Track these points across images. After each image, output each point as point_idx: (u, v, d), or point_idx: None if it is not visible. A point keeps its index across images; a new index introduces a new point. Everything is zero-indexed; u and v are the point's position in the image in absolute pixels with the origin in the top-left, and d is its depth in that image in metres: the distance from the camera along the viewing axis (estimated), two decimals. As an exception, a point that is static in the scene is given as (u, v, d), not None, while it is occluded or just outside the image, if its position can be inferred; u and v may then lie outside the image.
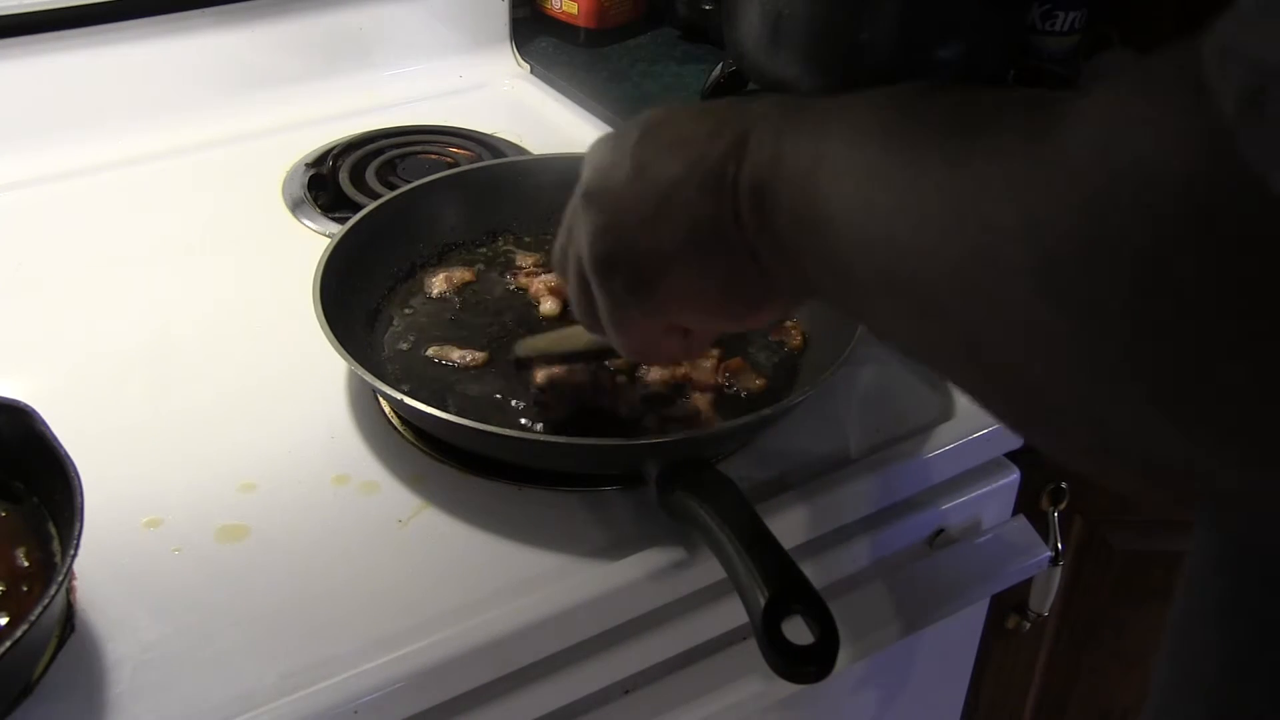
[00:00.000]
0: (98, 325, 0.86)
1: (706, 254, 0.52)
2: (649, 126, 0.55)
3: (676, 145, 0.53)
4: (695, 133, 0.52)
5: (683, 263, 0.53)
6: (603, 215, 0.55)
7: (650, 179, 0.53)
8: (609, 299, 0.57)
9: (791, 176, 0.47)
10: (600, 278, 0.56)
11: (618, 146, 0.56)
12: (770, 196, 0.48)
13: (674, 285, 0.54)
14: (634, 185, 0.54)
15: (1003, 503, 0.83)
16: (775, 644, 0.56)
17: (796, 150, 0.47)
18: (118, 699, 0.60)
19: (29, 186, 1.02)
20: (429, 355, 0.80)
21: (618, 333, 0.58)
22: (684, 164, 0.52)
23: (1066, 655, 1.05)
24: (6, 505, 0.66)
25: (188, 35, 1.09)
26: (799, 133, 0.48)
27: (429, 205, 0.90)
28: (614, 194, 0.55)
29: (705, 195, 0.51)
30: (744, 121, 0.50)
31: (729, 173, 0.50)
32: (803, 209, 0.46)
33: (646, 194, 0.53)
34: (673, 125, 0.54)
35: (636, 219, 0.54)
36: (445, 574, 0.67)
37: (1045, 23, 1.17)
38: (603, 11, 1.27)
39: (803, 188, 0.46)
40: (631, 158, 0.54)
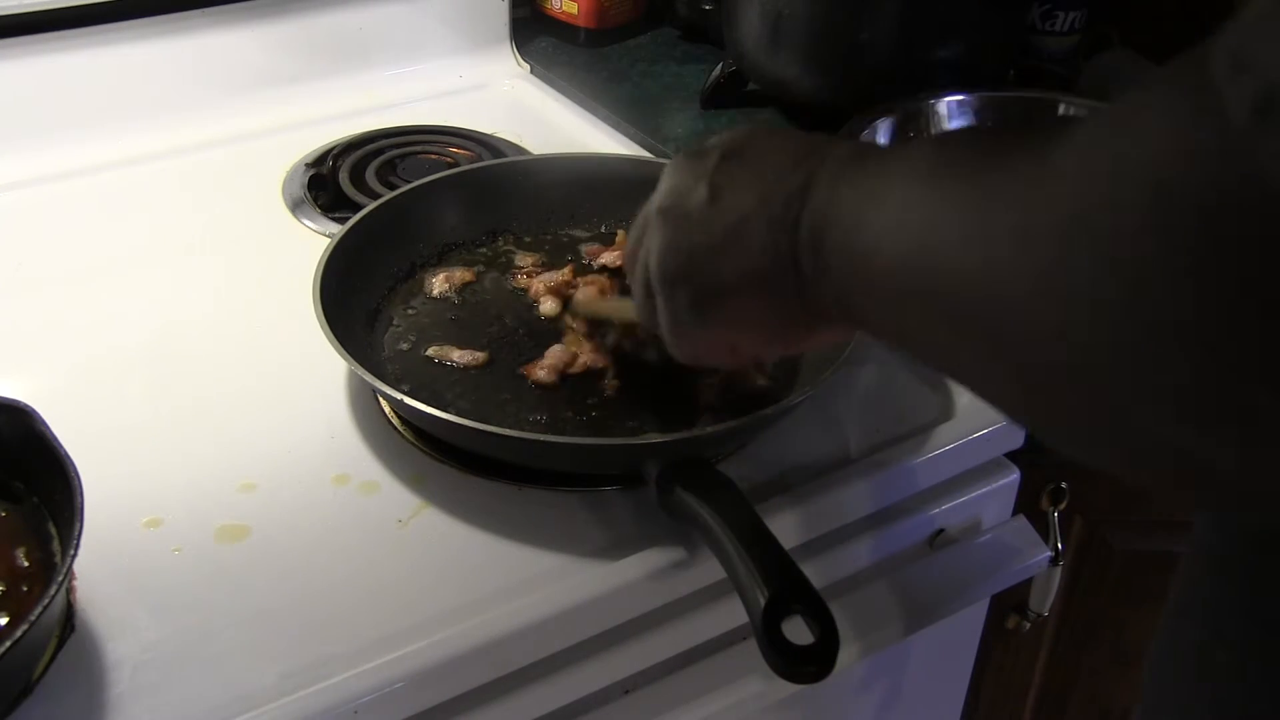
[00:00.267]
0: (98, 325, 0.86)
1: (765, 288, 0.55)
2: (728, 152, 0.58)
3: (751, 177, 0.55)
4: (768, 170, 0.55)
5: (742, 294, 0.56)
6: (675, 233, 0.58)
7: (722, 209, 0.56)
8: (670, 309, 0.61)
9: (843, 216, 0.50)
10: (664, 291, 0.60)
11: (698, 169, 0.58)
12: (825, 237, 0.51)
13: (731, 312, 0.58)
14: (707, 211, 0.57)
15: (1003, 503, 0.83)
16: (775, 644, 0.56)
17: (851, 193, 0.50)
18: (118, 699, 0.60)
19: (29, 186, 1.02)
20: (429, 355, 0.80)
21: (674, 338, 0.62)
22: (755, 200, 0.55)
23: (1066, 655, 1.05)
24: (6, 505, 0.66)
25: (188, 35, 1.09)
26: (855, 176, 0.50)
27: (429, 205, 0.90)
28: (687, 215, 0.58)
29: (770, 233, 0.53)
30: (814, 164, 0.53)
31: (792, 214, 0.53)
32: (852, 244, 0.49)
33: (717, 223, 0.56)
34: (750, 157, 0.57)
35: (705, 244, 0.57)
36: (445, 574, 0.67)
37: (1045, 23, 1.17)
38: (603, 11, 1.27)
39: (853, 225, 0.49)
40: (709, 183, 0.57)
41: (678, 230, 0.58)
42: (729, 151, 0.58)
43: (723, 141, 0.59)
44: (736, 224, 0.55)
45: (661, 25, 1.32)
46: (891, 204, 0.47)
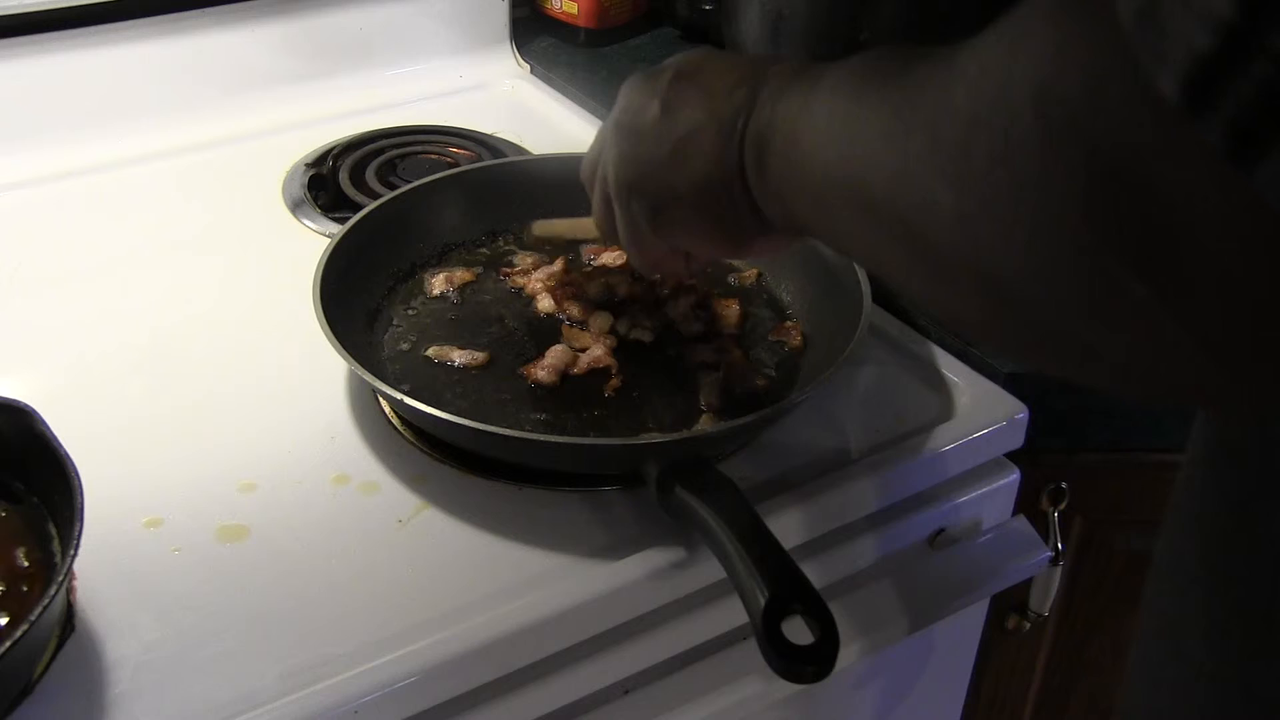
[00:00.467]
0: (98, 325, 0.86)
1: (713, 195, 0.59)
2: (680, 71, 0.62)
3: (701, 94, 0.60)
4: (718, 85, 0.59)
5: (691, 200, 0.61)
6: (629, 145, 0.63)
7: (674, 121, 0.61)
8: (626, 218, 0.66)
9: (782, 125, 0.54)
10: (620, 200, 0.65)
11: (651, 86, 0.63)
12: (766, 145, 0.56)
13: (682, 217, 0.62)
14: (659, 125, 0.61)
15: (1003, 503, 0.83)
16: (775, 644, 0.56)
17: (789, 104, 0.54)
18: (118, 699, 0.60)
19: (29, 186, 1.02)
20: (429, 355, 0.80)
21: (631, 246, 0.68)
22: (704, 112, 0.59)
23: (1066, 655, 1.05)
24: (6, 505, 0.66)
25: (188, 35, 1.09)
26: (793, 90, 0.55)
27: (429, 205, 0.90)
28: (641, 129, 0.62)
29: (717, 144, 0.58)
30: (757, 81, 0.57)
31: (738, 125, 0.57)
32: (789, 149, 0.54)
33: (668, 135, 0.61)
34: (702, 74, 0.61)
35: (658, 156, 0.62)
36: (445, 574, 0.67)
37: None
38: (603, 11, 1.27)
39: (789, 132, 0.54)
40: (661, 99, 0.62)
41: (632, 143, 0.63)
42: (681, 71, 0.62)
43: (676, 62, 0.63)
44: (686, 136, 0.60)
45: (661, 25, 1.32)
46: (821, 113, 0.51)
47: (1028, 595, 0.90)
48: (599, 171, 0.68)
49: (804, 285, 0.86)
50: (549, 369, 0.77)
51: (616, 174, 0.65)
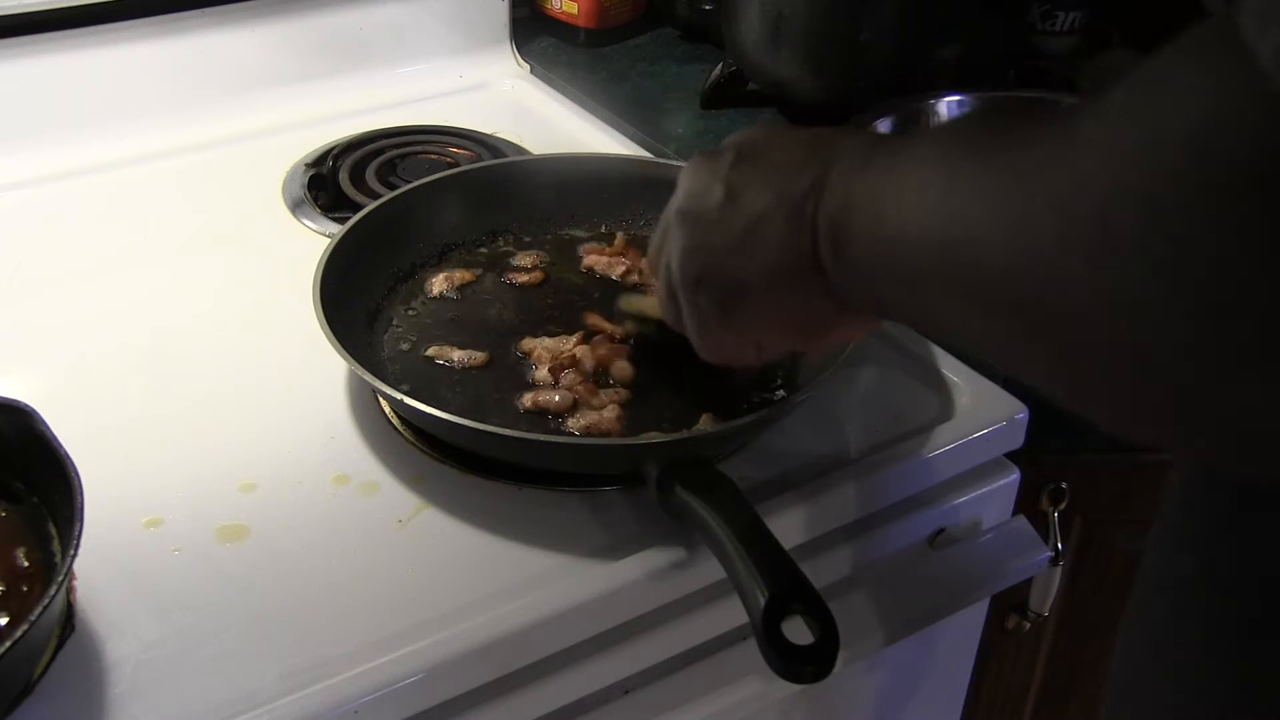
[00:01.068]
0: (98, 325, 0.86)
1: (785, 285, 0.56)
2: (743, 152, 0.59)
3: (766, 176, 0.56)
4: (784, 165, 0.55)
5: (763, 291, 0.57)
6: (694, 236, 0.60)
7: (739, 209, 0.57)
8: (693, 311, 0.62)
9: (861, 203, 0.51)
10: (687, 293, 0.62)
11: (713, 170, 0.59)
12: (845, 228, 0.52)
13: (753, 310, 0.59)
14: (724, 212, 0.58)
15: (1003, 503, 0.83)
16: (775, 644, 0.56)
17: (869, 181, 0.50)
18: (118, 699, 0.60)
19: (28, 186, 1.02)
20: (429, 355, 0.80)
21: (700, 340, 0.64)
22: (771, 197, 0.55)
23: (1066, 655, 1.05)
24: (6, 505, 0.66)
25: (188, 35, 1.09)
26: (871, 165, 0.51)
27: (429, 205, 0.90)
28: (705, 217, 0.59)
29: (788, 230, 0.54)
30: (826, 158, 0.53)
31: (808, 209, 0.53)
32: (874, 231, 0.50)
33: (735, 223, 0.57)
34: (764, 156, 0.57)
35: (724, 245, 0.58)
36: (445, 574, 0.67)
37: (1045, 23, 1.17)
38: (603, 11, 1.27)
39: (874, 212, 0.50)
40: (725, 183, 0.58)
41: (696, 232, 0.60)
42: (743, 152, 0.58)
43: (737, 142, 0.60)
44: (754, 223, 0.56)
45: (661, 25, 1.32)
46: (911, 187, 0.47)
47: (1028, 595, 0.89)
48: (662, 262, 0.64)
49: (804, 285, 0.86)
50: (532, 401, 0.76)
51: (682, 266, 0.61)
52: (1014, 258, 0.40)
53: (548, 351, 0.80)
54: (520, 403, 0.76)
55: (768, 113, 1.16)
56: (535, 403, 0.75)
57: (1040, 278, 0.39)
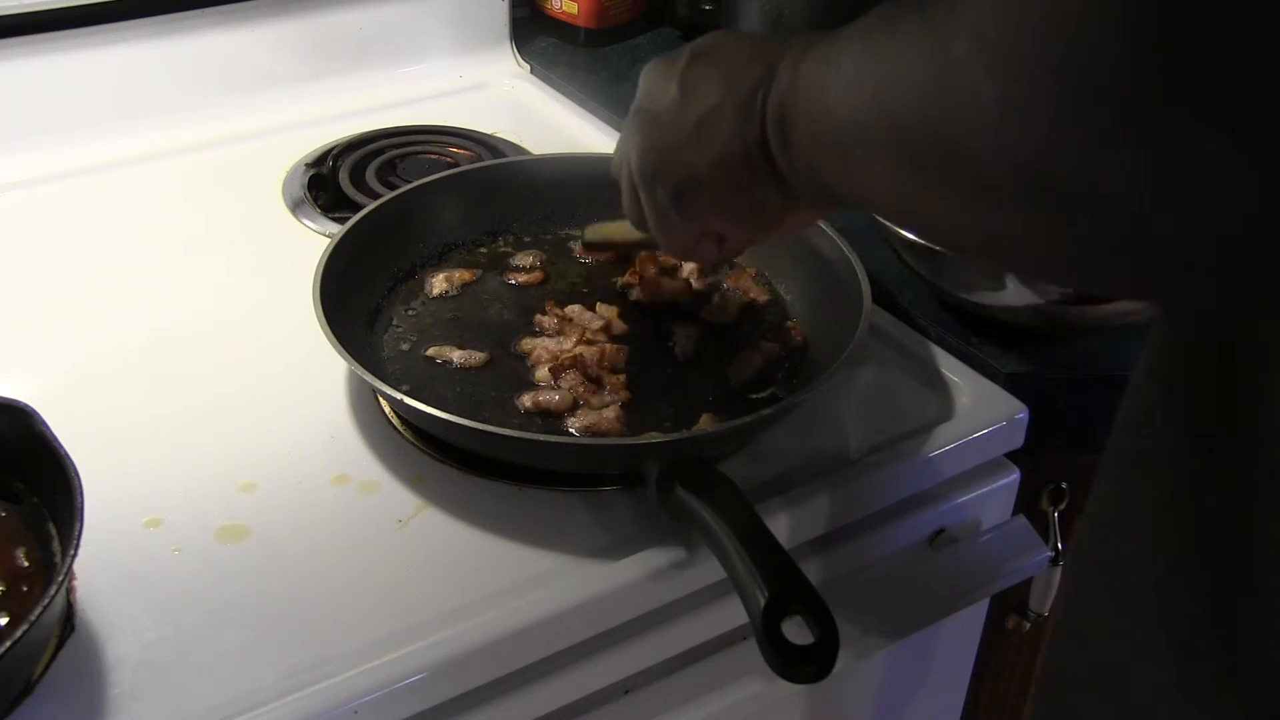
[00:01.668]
0: (98, 325, 0.86)
1: (735, 174, 0.59)
2: (696, 53, 0.62)
3: (717, 73, 0.59)
4: (734, 62, 0.59)
5: (715, 180, 0.60)
6: (649, 133, 0.63)
7: (691, 103, 0.60)
8: (653, 205, 0.65)
9: (804, 90, 0.53)
10: (645, 188, 0.65)
11: (668, 71, 0.63)
12: (787, 111, 0.55)
13: (707, 198, 0.62)
14: (677, 108, 0.61)
15: (1003, 503, 0.83)
16: (775, 644, 0.56)
17: (810, 68, 0.53)
18: (118, 699, 0.60)
19: (28, 186, 1.01)
20: (429, 355, 0.80)
21: (660, 234, 0.67)
22: (721, 91, 0.59)
23: (1066, 655, 1.05)
24: (6, 505, 0.66)
25: (188, 35, 1.09)
26: (813, 54, 0.53)
27: (429, 205, 0.90)
28: (660, 114, 0.62)
29: (737, 121, 0.57)
30: (774, 52, 0.56)
31: (758, 100, 0.56)
32: (814, 112, 0.53)
33: (687, 117, 0.60)
34: (716, 53, 0.61)
35: (678, 138, 0.61)
36: (445, 574, 0.67)
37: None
38: (603, 11, 1.27)
39: (813, 96, 0.52)
40: (679, 81, 0.61)
41: (652, 129, 0.63)
42: (696, 52, 0.62)
43: (692, 45, 0.63)
44: (705, 116, 0.59)
45: (661, 25, 1.32)
46: (845, 67, 0.50)
47: (1028, 595, 0.90)
48: (624, 161, 0.68)
49: (804, 285, 0.86)
50: (532, 401, 0.76)
51: (640, 162, 0.64)
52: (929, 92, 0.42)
53: (547, 351, 0.79)
54: (520, 402, 0.76)
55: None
56: (536, 403, 0.76)
57: (950, 102, 0.41)
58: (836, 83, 0.50)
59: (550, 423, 0.75)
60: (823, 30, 0.54)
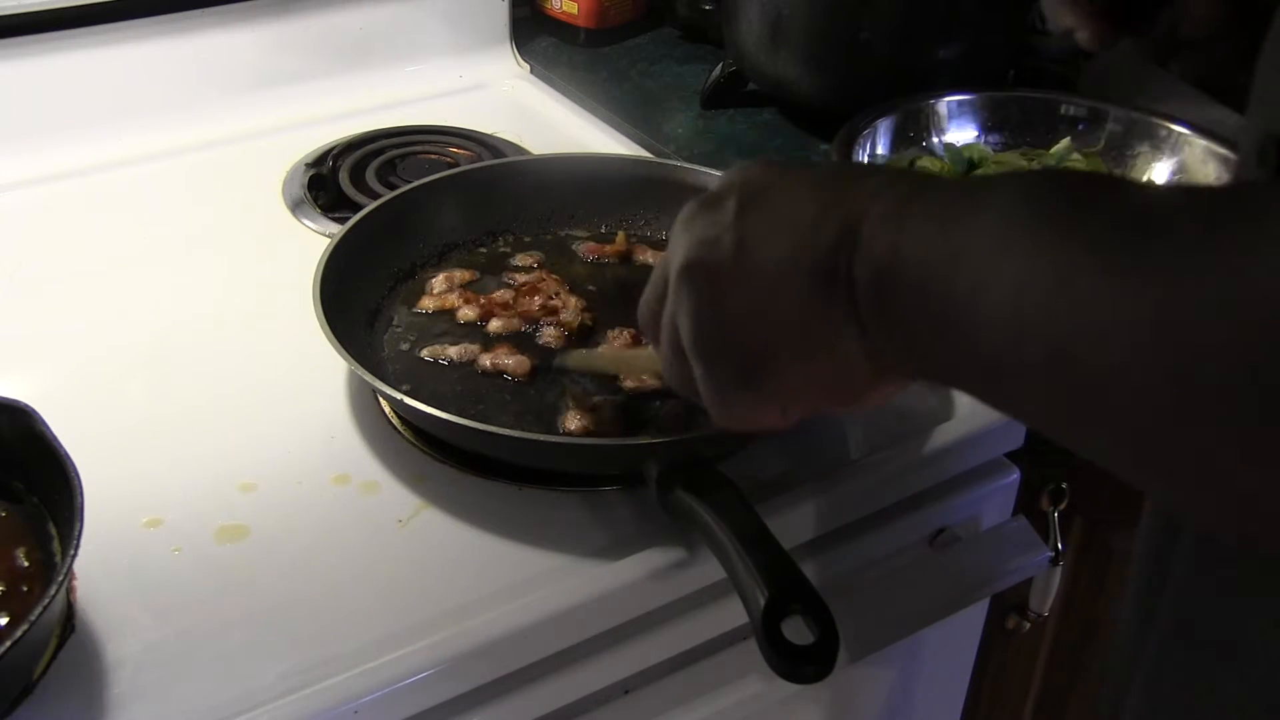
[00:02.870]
0: (98, 325, 0.86)
1: (817, 346, 0.50)
2: (746, 198, 0.52)
3: (779, 227, 0.51)
4: (799, 215, 0.50)
5: (792, 355, 0.52)
6: (707, 294, 0.53)
7: (756, 262, 0.51)
8: (710, 380, 0.55)
9: (921, 265, 0.45)
10: (705, 362, 0.55)
11: (718, 219, 0.53)
12: (894, 285, 0.46)
13: (778, 373, 0.53)
14: (739, 266, 0.52)
15: (1003, 503, 0.83)
16: (775, 644, 0.56)
17: (924, 241, 0.45)
18: (118, 699, 0.60)
19: (29, 186, 1.01)
20: (423, 356, 0.80)
21: (718, 409, 0.57)
22: (790, 249, 0.50)
23: (1066, 655, 1.05)
24: (6, 505, 0.66)
25: (188, 35, 1.09)
26: (923, 221, 0.46)
27: (429, 205, 0.90)
28: (717, 274, 0.52)
29: (816, 287, 0.49)
30: (851, 206, 0.48)
31: (841, 264, 0.48)
32: (931, 291, 0.44)
33: (753, 279, 0.51)
34: (776, 201, 0.52)
35: (744, 305, 0.52)
36: (445, 574, 0.67)
37: (1045, 23, 1.17)
38: (603, 11, 1.27)
39: (941, 277, 0.44)
40: (734, 233, 0.52)
41: (710, 290, 0.53)
42: (747, 197, 0.52)
43: (736, 185, 0.53)
44: (775, 279, 0.50)
45: (661, 25, 1.32)
46: (982, 251, 0.42)
47: (1028, 595, 0.90)
48: (665, 322, 0.57)
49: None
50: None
51: (695, 329, 0.54)
52: (1137, 364, 0.36)
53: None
54: (480, 364, 0.78)
55: (767, 112, 1.16)
56: (493, 365, 0.78)
57: (1131, 390, 0.36)
58: (973, 272, 0.42)
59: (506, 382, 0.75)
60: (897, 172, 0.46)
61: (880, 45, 1.06)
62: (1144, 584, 0.60)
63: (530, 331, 0.82)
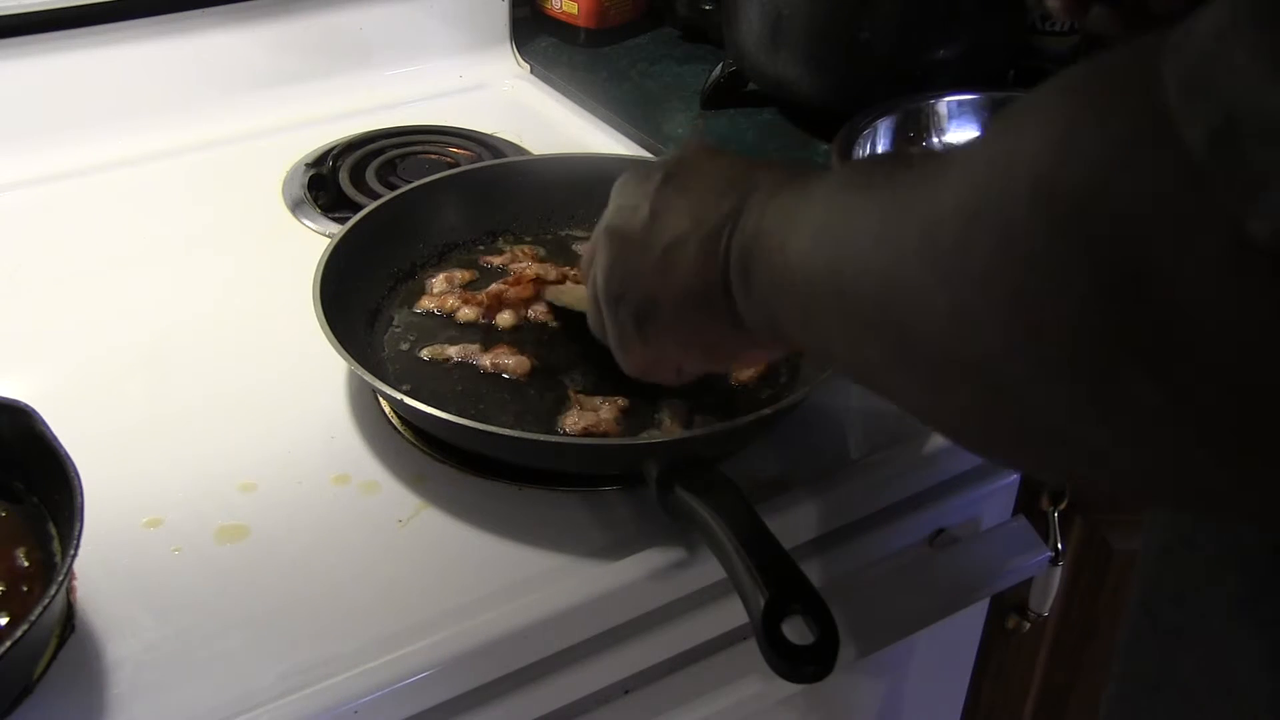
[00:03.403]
0: (98, 325, 0.86)
1: (695, 308, 0.58)
2: (669, 174, 0.60)
3: (688, 201, 0.58)
4: (706, 192, 0.57)
5: (677, 312, 0.59)
6: (617, 253, 0.61)
7: (660, 230, 0.59)
8: (614, 324, 0.64)
9: (768, 238, 0.52)
10: (609, 307, 0.63)
11: (642, 189, 0.61)
12: (751, 256, 0.53)
13: (666, 329, 0.61)
14: (646, 232, 0.60)
15: (1003, 503, 0.83)
16: (775, 644, 0.56)
17: (776, 215, 0.52)
18: (118, 699, 0.60)
19: (28, 186, 1.02)
20: (422, 356, 0.80)
21: (619, 353, 0.65)
22: (689, 223, 0.57)
23: (1066, 655, 1.05)
24: (6, 505, 0.66)
25: (188, 35, 1.09)
26: (780, 200, 0.53)
27: (429, 205, 0.90)
28: (629, 236, 0.61)
29: (701, 256, 0.56)
30: (744, 189, 0.55)
31: (722, 240, 0.55)
32: (774, 262, 0.51)
33: (655, 244, 0.59)
34: (689, 181, 0.59)
35: (643, 264, 0.60)
36: (445, 574, 0.67)
37: (1045, 23, 1.17)
38: (603, 11, 1.27)
39: (777, 245, 0.51)
40: (650, 204, 0.60)
41: (620, 250, 0.61)
42: (670, 173, 0.60)
43: (667, 162, 0.62)
44: (671, 245, 0.58)
45: (661, 25, 1.32)
46: (808, 220, 0.49)
47: (1028, 595, 0.90)
48: (584, 271, 0.67)
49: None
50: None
51: (605, 280, 0.63)
52: (884, 279, 0.41)
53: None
54: (480, 364, 0.78)
55: (767, 113, 1.16)
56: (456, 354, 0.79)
57: (905, 298, 0.40)
58: (795, 242, 0.50)
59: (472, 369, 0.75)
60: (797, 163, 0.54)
61: (880, 45, 1.06)
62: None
63: (533, 318, 0.83)
